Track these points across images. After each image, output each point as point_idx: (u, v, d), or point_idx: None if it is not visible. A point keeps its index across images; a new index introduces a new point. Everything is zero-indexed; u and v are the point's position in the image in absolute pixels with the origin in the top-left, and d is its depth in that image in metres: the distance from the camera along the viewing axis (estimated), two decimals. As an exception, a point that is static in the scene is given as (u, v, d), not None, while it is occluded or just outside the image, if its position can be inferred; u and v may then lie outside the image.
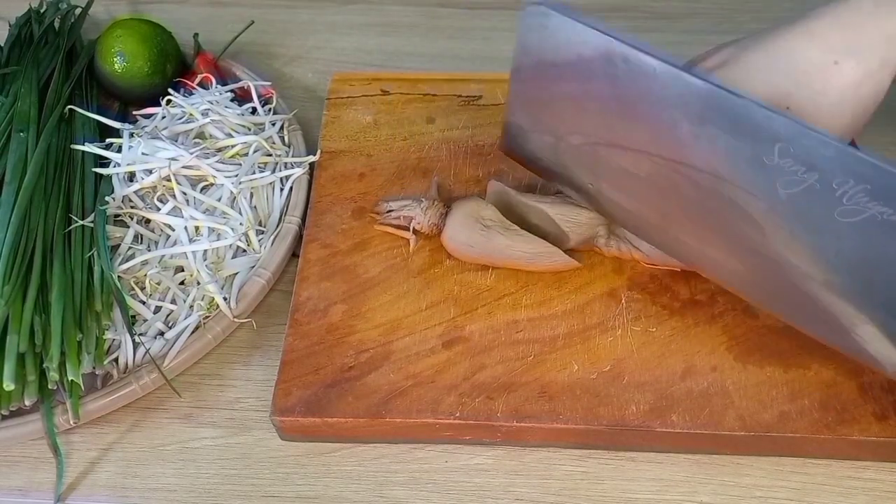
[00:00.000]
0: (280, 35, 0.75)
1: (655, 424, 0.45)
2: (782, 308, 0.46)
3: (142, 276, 0.52)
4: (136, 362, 0.49)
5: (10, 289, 0.47)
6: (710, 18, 0.75)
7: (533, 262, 0.51)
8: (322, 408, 0.46)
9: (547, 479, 0.46)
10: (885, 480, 0.45)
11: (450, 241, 0.52)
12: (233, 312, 0.50)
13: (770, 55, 0.45)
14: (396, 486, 0.46)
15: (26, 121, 0.57)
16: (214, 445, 0.48)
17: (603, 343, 0.48)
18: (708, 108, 0.41)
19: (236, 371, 0.51)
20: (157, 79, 0.63)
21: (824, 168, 0.38)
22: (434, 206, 0.53)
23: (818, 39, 0.44)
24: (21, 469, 0.47)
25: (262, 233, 0.55)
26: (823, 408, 0.45)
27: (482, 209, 0.52)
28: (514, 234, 0.51)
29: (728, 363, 0.47)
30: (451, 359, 0.48)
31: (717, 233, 0.45)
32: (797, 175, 0.39)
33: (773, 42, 0.45)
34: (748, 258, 0.44)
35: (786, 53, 0.44)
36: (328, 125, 0.62)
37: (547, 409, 0.45)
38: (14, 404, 0.45)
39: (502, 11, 0.78)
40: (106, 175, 0.55)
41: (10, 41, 0.66)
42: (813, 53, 0.43)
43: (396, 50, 0.74)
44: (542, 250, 0.51)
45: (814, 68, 0.43)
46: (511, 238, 0.51)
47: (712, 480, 0.46)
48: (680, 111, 0.42)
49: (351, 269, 0.52)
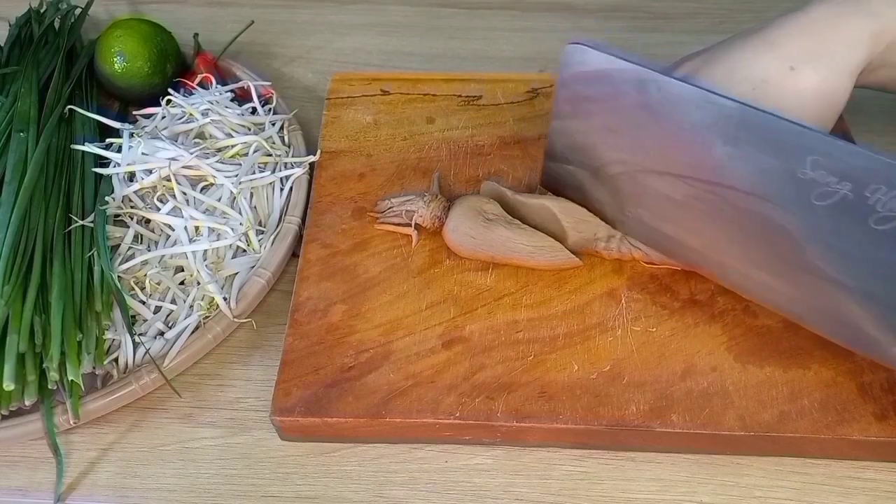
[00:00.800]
0: (280, 35, 0.75)
1: (655, 424, 0.45)
2: (826, 325, 0.46)
3: (142, 276, 0.52)
4: (136, 362, 0.49)
5: (10, 289, 0.47)
6: (710, 18, 0.75)
7: (534, 256, 0.51)
8: (322, 408, 0.46)
9: (547, 479, 0.46)
10: (885, 480, 0.45)
11: (451, 233, 0.52)
12: (233, 312, 0.50)
13: (731, 65, 0.46)
14: (396, 486, 0.46)
15: (26, 121, 0.57)
16: (214, 445, 0.48)
17: (603, 343, 0.48)
18: (740, 127, 0.42)
19: (236, 371, 0.51)
20: (157, 79, 0.63)
21: (856, 177, 0.39)
22: (437, 200, 0.53)
23: (776, 48, 0.45)
24: (21, 469, 0.47)
25: (262, 233, 0.55)
26: (823, 408, 0.45)
27: (485, 203, 0.52)
28: (517, 227, 0.51)
29: (728, 363, 0.47)
30: (451, 359, 0.48)
31: (757, 252, 0.46)
32: (830, 186, 0.40)
33: (733, 52, 0.46)
34: (789, 275, 0.45)
35: (746, 63, 0.45)
36: (328, 125, 0.62)
37: (547, 409, 0.45)
38: (14, 404, 0.45)
39: (502, 11, 0.78)
40: (106, 175, 0.55)
41: (10, 41, 0.66)
42: (771, 62, 0.44)
43: (396, 50, 0.74)
44: (545, 244, 0.51)
45: (772, 76, 0.44)
46: (514, 231, 0.51)
47: (712, 480, 0.46)
48: (713, 133, 0.43)
49: (351, 269, 0.52)
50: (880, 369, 0.47)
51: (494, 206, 0.52)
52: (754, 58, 0.45)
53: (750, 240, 0.45)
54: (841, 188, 0.40)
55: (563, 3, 0.79)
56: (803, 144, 0.40)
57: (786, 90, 0.44)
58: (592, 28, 0.76)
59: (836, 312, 0.44)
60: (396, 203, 0.54)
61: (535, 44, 0.74)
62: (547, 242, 0.51)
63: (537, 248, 0.51)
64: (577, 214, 0.52)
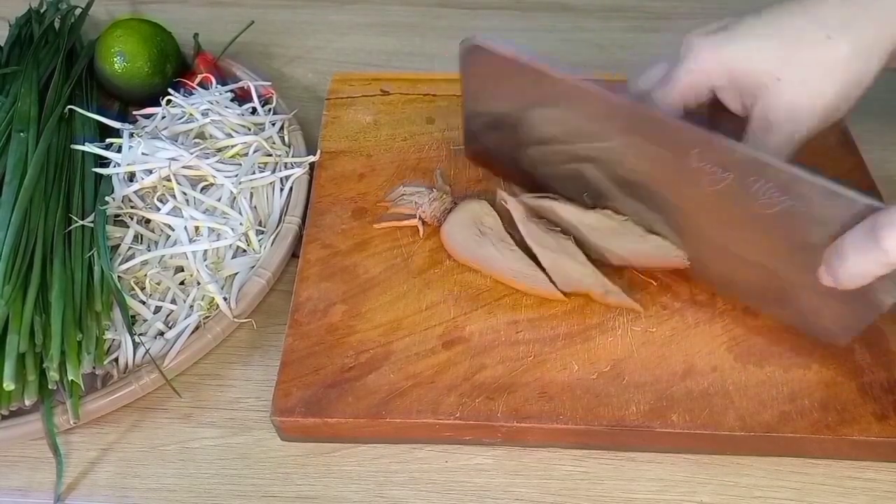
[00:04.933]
0: (280, 35, 0.75)
1: (655, 424, 0.45)
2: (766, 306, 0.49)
3: (142, 276, 0.52)
4: (136, 362, 0.49)
5: (10, 289, 0.47)
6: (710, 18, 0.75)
7: (515, 279, 0.50)
8: (322, 408, 0.46)
9: (547, 479, 0.46)
10: (885, 480, 0.45)
11: (446, 236, 0.52)
12: (233, 312, 0.50)
13: (767, 24, 0.45)
14: (396, 486, 0.46)
15: (26, 121, 0.57)
16: (214, 445, 0.48)
17: (603, 343, 0.48)
18: (631, 121, 0.45)
19: (236, 371, 0.51)
20: (157, 79, 0.63)
21: (737, 169, 0.42)
22: (441, 199, 0.53)
23: (814, 13, 0.44)
24: (21, 469, 0.47)
25: (262, 233, 0.55)
26: (823, 408, 0.45)
27: (485, 215, 0.52)
28: (506, 248, 0.51)
29: (728, 363, 0.47)
30: (451, 359, 0.48)
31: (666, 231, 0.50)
32: (717, 175, 0.43)
33: (770, 14, 0.45)
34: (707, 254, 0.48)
35: (781, 23, 0.45)
36: (328, 125, 0.62)
37: (547, 410, 0.45)
38: (14, 404, 0.45)
39: (502, 11, 0.78)
40: (106, 175, 0.55)
41: (10, 41, 0.66)
42: (808, 27, 0.44)
43: (396, 50, 0.74)
44: (528, 272, 0.50)
45: (806, 41, 0.44)
46: (501, 251, 0.51)
47: (712, 480, 0.46)
48: (608, 123, 0.46)
49: (351, 270, 0.52)
50: (880, 369, 0.47)
51: (493, 219, 0.52)
52: (790, 23, 0.44)
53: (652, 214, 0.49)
54: (726, 177, 0.42)
55: (563, 3, 0.79)
56: (686, 139, 0.43)
57: (818, 58, 0.43)
58: (593, 28, 0.76)
59: (767, 292, 0.47)
60: (409, 192, 0.54)
61: (535, 44, 0.74)
62: (530, 271, 0.50)
63: (520, 273, 0.50)
64: (568, 272, 0.50)
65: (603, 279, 0.50)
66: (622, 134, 0.46)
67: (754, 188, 0.42)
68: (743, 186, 0.42)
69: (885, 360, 0.47)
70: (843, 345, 0.47)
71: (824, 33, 0.43)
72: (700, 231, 0.47)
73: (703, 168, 0.43)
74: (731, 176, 0.42)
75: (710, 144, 0.42)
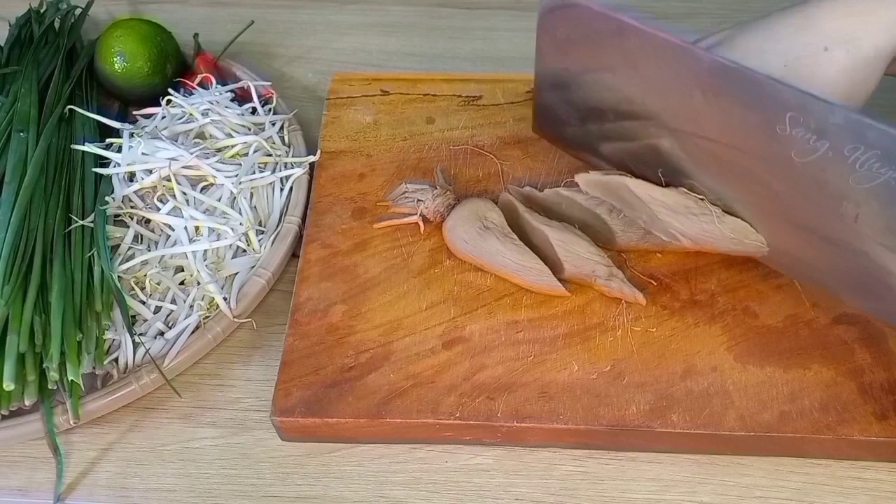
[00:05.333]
0: (280, 35, 0.75)
1: (655, 424, 0.45)
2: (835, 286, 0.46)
3: (142, 276, 0.52)
4: (136, 362, 0.49)
5: (10, 289, 0.47)
6: (710, 18, 0.75)
7: (520, 274, 0.50)
8: (322, 408, 0.46)
9: (547, 479, 0.46)
10: (885, 480, 0.45)
11: (448, 232, 0.52)
12: (233, 312, 0.50)
13: (766, 37, 0.45)
14: (396, 486, 0.46)
15: (26, 121, 0.57)
16: (214, 445, 0.48)
17: (603, 343, 0.48)
18: (718, 79, 0.42)
19: (236, 371, 0.51)
20: (157, 79, 0.63)
21: (834, 135, 0.39)
22: (444, 196, 0.53)
23: (813, 25, 0.44)
24: (21, 469, 0.47)
25: (262, 233, 0.55)
26: (823, 408, 0.45)
27: (488, 211, 0.52)
28: (510, 242, 0.51)
29: (728, 363, 0.47)
30: (451, 359, 0.48)
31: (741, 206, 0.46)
32: (809, 144, 0.40)
33: (770, 25, 0.45)
34: (780, 233, 0.46)
35: (781, 37, 0.45)
36: (328, 125, 0.62)
37: (547, 410, 0.45)
38: (14, 404, 0.45)
39: (502, 11, 0.78)
40: (106, 175, 0.55)
41: (10, 41, 0.66)
42: (807, 39, 0.44)
43: (396, 50, 0.74)
44: (533, 266, 0.50)
45: (806, 54, 0.44)
46: (505, 245, 0.51)
47: (712, 480, 0.46)
48: (692, 83, 0.43)
49: (351, 270, 0.52)
50: (880, 369, 0.47)
51: (497, 214, 0.52)
52: (790, 34, 0.44)
53: (733, 192, 0.46)
54: (819, 147, 0.40)
55: (563, 3, 0.79)
56: (780, 100, 0.40)
57: (818, 70, 0.43)
58: (592, 28, 0.76)
59: (838, 271, 0.44)
60: (411, 189, 0.54)
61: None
62: (535, 265, 0.50)
63: (524, 267, 0.50)
64: (577, 249, 0.50)
65: (609, 261, 0.50)
66: (709, 95, 0.43)
67: (852, 158, 0.38)
68: (839, 157, 0.39)
69: (885, 360, 0.47)
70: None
71: (823, 45, 0.43)
72: (784, 210, 0.44)
73: (794, 136, 0.40)
74: (826, 145, 0.39)
75: (807, 106, 0.39)
